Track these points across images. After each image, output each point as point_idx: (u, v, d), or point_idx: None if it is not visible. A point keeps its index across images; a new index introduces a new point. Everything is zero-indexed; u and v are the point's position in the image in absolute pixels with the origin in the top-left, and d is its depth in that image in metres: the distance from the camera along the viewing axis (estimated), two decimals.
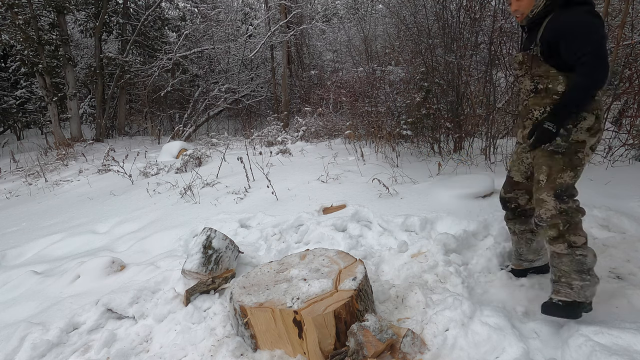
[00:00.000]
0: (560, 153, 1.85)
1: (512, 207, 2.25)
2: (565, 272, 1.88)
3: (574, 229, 1.86)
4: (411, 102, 5.17)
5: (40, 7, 11.06)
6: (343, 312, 1.85)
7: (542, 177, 1.89)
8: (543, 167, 1.90)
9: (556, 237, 1.87)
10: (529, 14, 1.87)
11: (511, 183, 2.22)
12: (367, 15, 12.73)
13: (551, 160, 1.87)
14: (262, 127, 9.95)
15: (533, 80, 1.92)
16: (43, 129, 14.50)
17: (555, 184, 1.86)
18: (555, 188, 1.86)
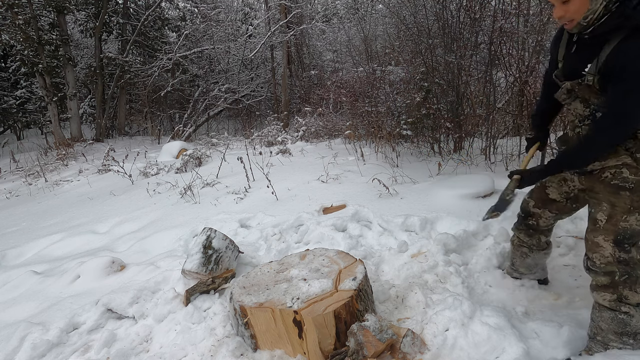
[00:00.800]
0: (628, 189, 1.48)
1: (529, 223, 2.02)
2: (602, 330, 1.61)
3: (632, 283, 1.54)
4: (411, 102, 5.17)
5: (40, 7, 11.06)
6: (343, 312, 1.85)
7: (602, 217, 1.55)
8: (604, 204, 1.55)
9: (607, 285, 1.57)
10: (581, 21, 1.41)
11: (544, 200, 1.92)
12: (367, 15, 12.73)
13: (616, 197, 1.51)
14: (262, 127, 9.95)
15: (588, 105, 1.55)
16: (43, 129, 14.50)
17: (617, 227, 1.52)
18: (617, 233, 1.52)
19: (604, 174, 1.56)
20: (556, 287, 2.32)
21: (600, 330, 1.63)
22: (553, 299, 2.22)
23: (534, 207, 1.99)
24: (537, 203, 1.97)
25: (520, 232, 2.12)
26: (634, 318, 1.55)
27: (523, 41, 4.94)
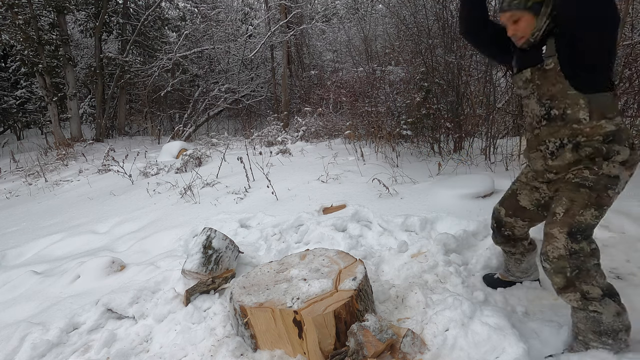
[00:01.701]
0: (587, 187, 1.56)
1: (504, 234, 2.04)
2: (582, 330, 1.63)
3: (585, 277, 1.55)
4: (411, 102, 5.17)
5: (40, 7, 11.06)
6: (343, 312, 1.85)
7: (560, 210, 1.60)
8: (564, 199, 1.61)
9: (565, 286, 1.59)
10: (529, 37, 1.59)
11: (516, 207, 1.95)
12: (367, 15, 12.73)
13: (575, 193, 1.58)
14: (262, 127, 9.96)
15: (543, 103, 1.62)
16: (43, 129, 14.50)
17: (573, 220, 1.56)
18: (571, 225, 1.56)
19: (567, 176, 1.64)
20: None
21: (579, 330, 1.66)
22: (553, 299, 2.22)
23: (505, 215, 2.02)
24: (508, 211, 2.00)
25: (503, 245, 2.14)
26: (603, 315, 1.56)
27: None
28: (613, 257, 2.52)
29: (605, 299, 1.56)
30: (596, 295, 1.56)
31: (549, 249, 1.61)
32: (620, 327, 1.56)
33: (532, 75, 1.63)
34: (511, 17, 1.58)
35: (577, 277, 1.56)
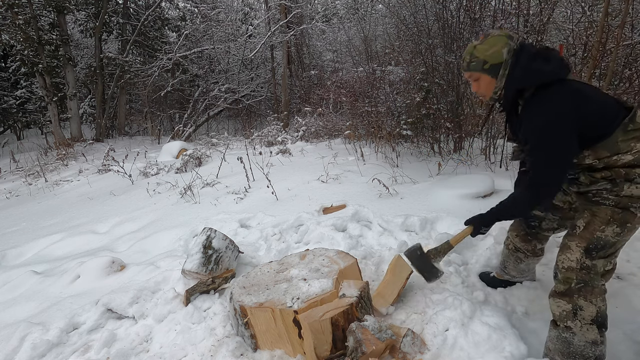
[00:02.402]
0: (609, 205, 1.54)
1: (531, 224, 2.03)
2: (550, 350, 1.64)
3: (588, 294, 1.54)
4: (411, 102, 5.17)
5: (40, 7, 11.06)
6: (341, 320, 1.84)
7: (581, 224, 1.59)
8: (586, 212, 1.60)
9: (564, 293, 1.59)
10: (492, 95, 1.66)
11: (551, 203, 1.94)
12: (367, 15, 12.73)
13: (597, 207, 1.57)
14: (262, 127, 9.96)
15: None
16: (43, 129, 14.50)
17: (593, 236, 1.54)
18: (590, 241, 1.54)
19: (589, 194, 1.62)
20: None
21: (549, 350, 1.65)
22: None
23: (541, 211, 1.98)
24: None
25: (517, 237, 2.12)
26: (576, 337, 1.54)
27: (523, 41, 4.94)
28: None
29: (593, 325, 1.53)
30: (586, 316, 1.53)
31: (563, 259, 1.61)
32: (590, 355, 1.54)
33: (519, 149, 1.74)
34: (471, 76, 1.67)
35: (579, 291, 1.55)
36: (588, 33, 4.67)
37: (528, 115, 1.55)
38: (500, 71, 1.58)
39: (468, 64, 1.64)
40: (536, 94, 1.52)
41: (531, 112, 1.53)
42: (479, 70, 1.62)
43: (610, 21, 4.27)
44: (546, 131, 1.47)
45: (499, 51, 1.57)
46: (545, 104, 1.48)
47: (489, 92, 1.66)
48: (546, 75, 1.51)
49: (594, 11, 5.36)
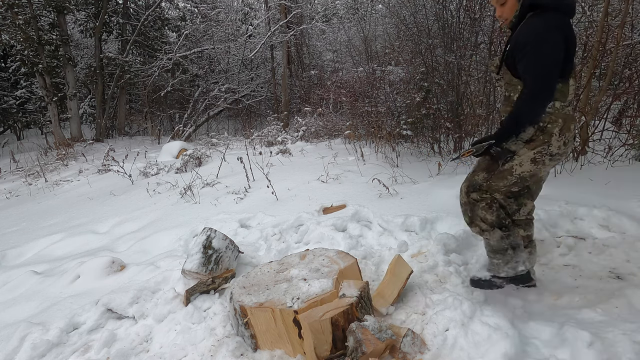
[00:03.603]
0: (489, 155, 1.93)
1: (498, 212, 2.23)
2: (486, 252, 2.17)
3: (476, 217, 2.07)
4: (411, 102, 5.17)
5: (40, 7, 11.06)
6: (341, 320, 1.84)
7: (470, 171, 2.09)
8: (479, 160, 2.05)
9: (469, 222, 2.12)
10: (512, 18, 1.83)
11: None
12: (367, 15, 12.73)
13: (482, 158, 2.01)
14: (262, 127, 9.96)
15: (505, 86, 1.94)
16: (43, 129, 14.50)
17: (472, 179, 2.04)
18: (469, 182, 2.05)
19: None
20: (556, 287, 2.32)
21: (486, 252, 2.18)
22: (553, 299, 2.22)
23: None
24: None
25: None
26: (490, 240, 2.08)
27: None
28: (613, 257, 2.52)
29: (494, 229, 2.03)
30: (485, 227, 2.06)
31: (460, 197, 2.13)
32: (505, 247, 2.05)
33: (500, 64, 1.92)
34: (498, 1, 1.83)
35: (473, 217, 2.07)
36: (588, 33, 4.67)
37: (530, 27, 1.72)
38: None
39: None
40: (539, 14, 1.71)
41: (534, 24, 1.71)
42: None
43: (610, 21, 4.27)
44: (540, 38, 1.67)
45: None
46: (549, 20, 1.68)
47: (511, 15, 1.82)
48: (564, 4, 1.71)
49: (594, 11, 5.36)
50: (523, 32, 1.73)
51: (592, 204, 2.96)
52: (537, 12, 1.72)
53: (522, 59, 1.72)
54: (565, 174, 3.98)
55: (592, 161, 4.17)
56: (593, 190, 3.40)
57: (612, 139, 4.28)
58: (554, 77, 1.71)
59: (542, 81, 1.69)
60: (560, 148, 1.84)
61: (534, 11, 1.73)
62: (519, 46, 1.73)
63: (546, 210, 2.94)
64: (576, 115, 4.35)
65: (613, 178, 3.64)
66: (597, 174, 3.83)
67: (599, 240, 2.67)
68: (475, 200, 2.05)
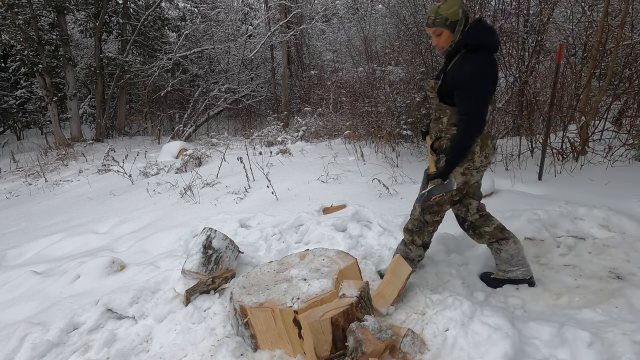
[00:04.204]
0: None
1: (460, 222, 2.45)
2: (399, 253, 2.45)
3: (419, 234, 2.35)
4: (411, 102, 5.17)
5: (40, 7, 11.05)
6: (341, 320, 1.84)
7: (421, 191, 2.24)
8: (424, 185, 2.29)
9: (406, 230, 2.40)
10: (448, 47, 2.02)
11: None
12: (367, 15, 12.73)
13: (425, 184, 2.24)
14: (262, 127, 9.96)
15: (434, 106, 2.17)
16: (43, 129, 14.49)
17: None
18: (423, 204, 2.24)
19: None
20: (556, 287, 2.32)
21: None
22: (553, 299, 2.22)
23: None
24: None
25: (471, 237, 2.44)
26: (411, 253, 2.41)
27: (523, 41, 4.95)
28: (613, 257, 2.52)
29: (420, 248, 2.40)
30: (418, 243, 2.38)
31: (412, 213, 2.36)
32: (414, 257, 2.42)
33: (433, 85, 2.10)
34: (435, 31, 1.99)
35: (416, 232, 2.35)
36: (588, 33, 4.67)
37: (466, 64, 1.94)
38: (456, 27, 1.96)
39: (433, 20, 1.96)
40: (472, 52, 1.93)
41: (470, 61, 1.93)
42: (442, 26, 1.95)
43: (610, 21, 4.27)
44: (476, 78, 1.91)
45: (457, 11, 1.94)
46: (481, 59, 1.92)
47: (446, 45, 2.01)
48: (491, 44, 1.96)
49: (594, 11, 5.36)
50: (461, 68, 1.94)
51: (592, 204, 2.96)
52: (470, 49, 1.94)
53: (460, 92, 1.95)
54: (565, 174, 3.98)
55: (592, 161, 4.17)
56: (593, 190, 3.40)
57: (612, 139, 4.28)
58: (487, 108, 1.97)
59: (479, 114, 1.93)
60: (483, 161, 2.11)
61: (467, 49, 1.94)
62: (457, 80, 1.95)
63: (546, 210, 2.95)
64: (576, 115, 4.35)
65: (613, 178, 3.64)
66: (597, 174, 3.83)
67: (599, 240, 2.67)
68: (427, 222, 2.31)
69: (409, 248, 2.41)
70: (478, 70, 1.91)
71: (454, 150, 2.03)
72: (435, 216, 2.30)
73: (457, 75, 1.95)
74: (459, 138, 2.00)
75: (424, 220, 2.31)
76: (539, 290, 2.29)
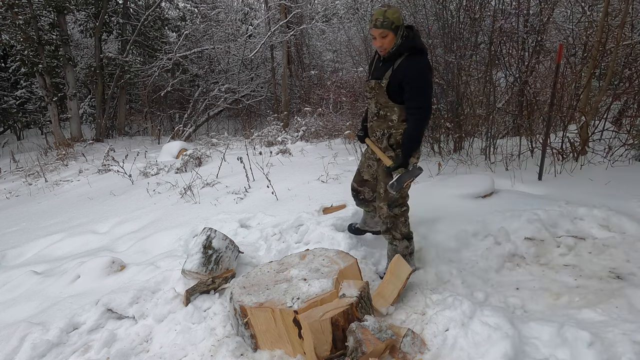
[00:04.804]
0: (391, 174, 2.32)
1: (360, 198, 2.81)
2: (389, 256, 2.57)
3: (395, 228, 2.50)
4: None
5: (40, 7, 11.05)
6: (341, 320, 1.84)
7: (381, 190, 2.47)
8: (382, 183, 2.45)
9: (385, 230, 2.53)
10: (390, 49, 2.20)
11: (361, 180, 2.74)
12: (367, 15, 12.73)
13: (387, 178, 2.36)
14: (262, 127, 9.95)
15: (377, 105, 2.35)
16: (43, 129, 14.49)
17: (388, 197, 2.43)
18: (388, 200, 2.45)
19: (381, 164, 2.44)
20: (556, 287, 2.32)
21: (389, 257, 2.58)
22: (553, 299, 2.22)
23: (358, 185, 2.78)
24: (358, 182, 2.77)
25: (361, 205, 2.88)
26: (398, 247, 2.52)
27: (523, 41, 4.95)
28: (613, 257, 2.52)
29: (403, 240, 2.51)
30: (398, 237, 2.51)
31: (380, 214, 2.54)
32: (405, 252, 2.51)
33: (375, 86, 2.30)
34: (382, 33, 2.14)
35: (391, 228, 2.50)
36: (588, 33, 4.67)
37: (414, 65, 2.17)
38: (398, 32, 2.15)
39: (382, 22, 2.11)
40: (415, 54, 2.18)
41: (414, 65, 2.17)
42: (388, 29, 2.12)
43: (610, 21, 4.27)
44: (425, 76, 2.18)
45: (399, 17, 2.14)
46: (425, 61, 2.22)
47: (389, 47, 2.18)
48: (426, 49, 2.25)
49: (594, 11, 5.36)
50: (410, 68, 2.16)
51: (592, 204, 2.96)
52: (413, 52, 2.18)
53: (412, 89, 2.17)
54: (565, 174, 3.98)
55: (592, 161, 4.17)
56: (593, 190, 3.40)
57: (612, 139, 4.28)
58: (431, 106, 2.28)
59: (429, 107, 2.23)
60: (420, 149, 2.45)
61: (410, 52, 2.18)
62: (408, 79, 2.16)
63: (546, 210, 2.95)
64: (576, 115, 4.35)
65: (613, 178, 3.64)
66: (597, 174, 3.83)
67: (599, 240, 2.68)
68: (397, 215, 2.49)
69: (395, 245, 2.53)
70: (425, 70, 2.18)
71: (411, 141, 2.28)
72: (402, 207, 2.50)
73: (408, 74, 2.15)
74: (415, 129, 2.25)
75: (393, 214, 2.48)
76: (538, 290, 2.30)
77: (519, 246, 2.69)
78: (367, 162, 2.66)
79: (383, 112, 2.33)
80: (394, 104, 2.27)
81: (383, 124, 2.36)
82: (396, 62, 2.20)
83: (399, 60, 2.19)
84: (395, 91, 2.22)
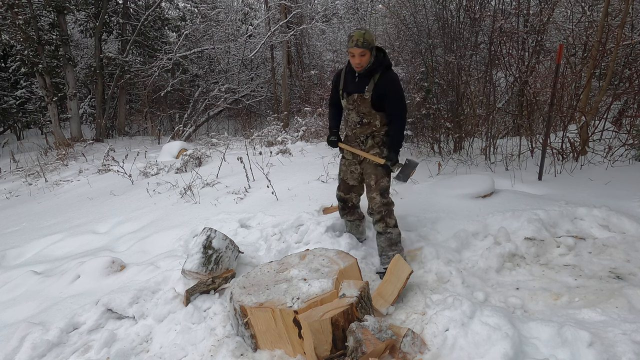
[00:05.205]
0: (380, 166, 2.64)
1: (349, 205, 2.95)
2: (383, 248, 2.69)
3: (390, 215, 2.69)
4: (411, 102, 5.17)
5: (40, 7, 11.05)
6: (341, 320, 1.84)
7: (372, 182, 2.69)
8: (372, 175, 2.69)
9: (379, 220, 2.68)
10: (366, 66, 2.50)
11: (347, 187, 2.88)
12: (367, 15, 12.73)
13: (376, 170, 2.67)
14: (262, 127, 9.95)
15: (359, 115, 2.64)
16: (43, 129, 14.48)
17: (380, 185, 2.67)
18: (380, 188, 2.67)
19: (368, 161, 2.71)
20: (556, 287, 2.32)
21: (382, 248, 2.71)
22: (553, 299, 2.22)
23: (345, 194, 2.90)
24: (345, 191, 2.89)
25: (348, 215, 2.99)
26: (392, 234, 2.67)
27: (523, 41, 4.95)
28: (613, 257, 2.52)
29: (396, 227, 2.69)
30: (391, 224, 2.69)
31: (373, 205, 2.71)
32: (399, 239, 2.69)
33: (357, 98, 2.60)
34: (362, 52, 2.43)
35: (386, 215, 2.67)
36: (588, 33, 4.67)
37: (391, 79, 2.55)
38: (373, 52, 2.49)
39: (362, 43, 2.41)
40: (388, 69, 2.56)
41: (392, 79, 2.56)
42: (367, 48, 2.43)
43: (610, 21, 4.28)
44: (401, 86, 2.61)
45: (374, 40, 2.48)
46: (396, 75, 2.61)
47: (365, 64, 2.49)
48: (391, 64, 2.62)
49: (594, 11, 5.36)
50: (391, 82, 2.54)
51: (592, 204, 2.96)
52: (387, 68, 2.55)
53: (394, 98, 2.54)
54: (565, 174, 3.98)
55: (592, 161, 4.17)
56: (593, 190, 3.40)
57: (612, 139, 4.28)
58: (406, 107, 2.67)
59: (406, 112, 2.64)
60: None
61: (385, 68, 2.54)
62: (389, 91, 2.53)
63: (546, 210, 2.95)
64: (576, 115, 4.35)
65: (613, 178, 3.64)
66: (597, 174, 3.83)
67: (599, 240, 2.68)
68: (389, 203, 2.70)
69: (389, 233, 2.67)
70: (399, 82, 2.61)
71: (400, 138, 2.67)
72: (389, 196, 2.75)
73: (389, 87, 2.54)
74: (399, 130, 2.64)
75: (386, 202, 2.69)
76: (538, 290, 2.30)
77: (519, 246, 2.69)
78: (349, 168, 2.84)
79: (366, 119, 2.64)
80: (376, 112, 2.60)
81: (367, 130, 2.68)
82: (374, 77, 2.54)
83: (377, 75, 2.54)
84: (377, 102, 2.55)
